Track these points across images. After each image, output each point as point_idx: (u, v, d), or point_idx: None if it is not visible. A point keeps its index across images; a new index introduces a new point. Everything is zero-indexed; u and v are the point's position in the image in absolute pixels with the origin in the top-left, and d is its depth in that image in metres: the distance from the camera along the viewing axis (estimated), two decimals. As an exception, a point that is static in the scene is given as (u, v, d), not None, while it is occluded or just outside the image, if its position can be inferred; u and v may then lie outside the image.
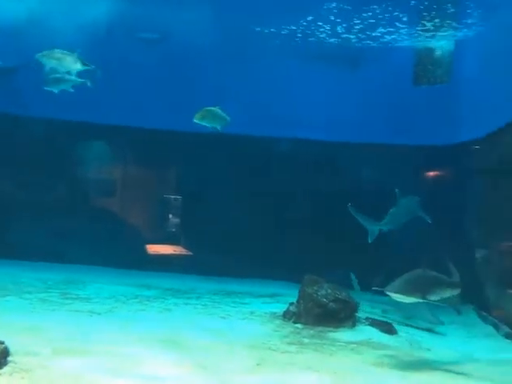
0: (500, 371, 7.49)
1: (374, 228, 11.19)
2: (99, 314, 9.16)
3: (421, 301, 6.88)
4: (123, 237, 14.58)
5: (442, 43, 13.59)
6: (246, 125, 13.70)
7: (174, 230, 15.47)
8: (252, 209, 14.13)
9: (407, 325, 9.68)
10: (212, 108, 10.20)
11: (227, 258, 13.52)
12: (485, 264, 11.59)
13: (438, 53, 13.88)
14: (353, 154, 13.89)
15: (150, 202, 15.48)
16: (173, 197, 15.43)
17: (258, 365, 6.77)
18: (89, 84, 10.68)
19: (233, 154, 14.26)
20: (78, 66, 10.26)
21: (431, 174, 15.06)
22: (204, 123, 10.08)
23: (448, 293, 7.47)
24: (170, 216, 15.45)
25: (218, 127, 10.24)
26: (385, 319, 9.83)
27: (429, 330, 9.45)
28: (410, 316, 9.79)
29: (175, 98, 13.57)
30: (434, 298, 7.05)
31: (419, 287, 6.85)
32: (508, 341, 9.25)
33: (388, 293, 6.71)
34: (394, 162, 13.79)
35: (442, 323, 9.68)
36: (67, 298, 10.19)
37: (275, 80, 13.82)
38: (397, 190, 12.08)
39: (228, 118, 10.28)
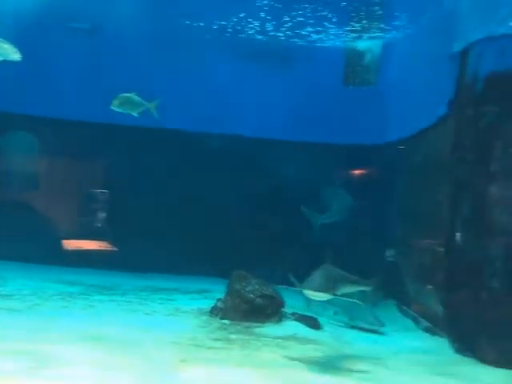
0: (416, 362, 7.77)
1: (317, 221, 11.68)
2: (19, 311, 8.85)
3: (332, 296, 6.74)
4: (46, 232, 14.11)
5: (370, 45, 13.92)
6: (176, 120, 13.60)
7: (99, 224, 15.10)
8: (180, 204, 14.00)
9: (353, 327, 9.65)
10: (128, 94, 9.94)
11: (154, 254, 13.33)
12: (405, 260, 11.98)
13: (366, 54, 14.20)
14: (282, 151, 14.00)
15: (75, 196, 15.04)
16: (98, 191, 15.06)
17: (182, 361, 6.72)
18: None
19: (162, 149, 14.06)
20: None
21: (359, 172, 15.41)
22: (121, 110, 9.80)
23: (353, 289, 7.54)
24: (96, 211, 15.07)
25: (135, 113, 9.97)
26: (336, 321, 9.91)
27: (372, 331, 9.42)
28: (353, 317, 9.73)
29: (104, 91, 13.22)
30: (341, 294, 7.04)
31: (331, 284, 6.71)
32: (427, 334, 9.59)
33: (305, 291, 6.58)
34: (324, 161, 14.00)
35: (383, 325, 9.54)
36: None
37: (206, 75, 13.73)
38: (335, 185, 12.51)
39: (145, 104, 10.01)
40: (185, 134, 13.93)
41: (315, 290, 6.48)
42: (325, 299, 6.72)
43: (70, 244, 14.69)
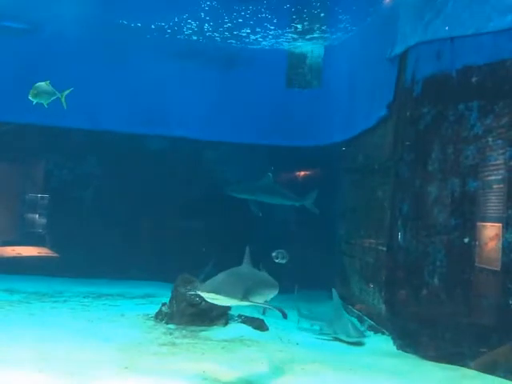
0: (360, 360, 7.89)
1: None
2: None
3: (242, 303, 6.05)
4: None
5: (312, 47, 14.06)
6: (116, 121, 13.38)
7: (38, 230, 14.70)
8: (123, 208, 13.77)
9: (336, 338, 9.06)
10: (40, 83, 9.67)
11: (97, 259, 13.07)
12: (349, 260, 12.17)
13: (308, 57, 14.34)
14: (224, 153, 14.00)
15: (13, 201, 14.59)
16: (36, 195, 14.66)
17: (126, 368, 6.60)
18: None
19: (102, 151, 13.82)
20: None
21: (304, 173, 15.56)
22: (36, 100, 9.50)
23: (270, 294, 6.74)
24: (35, 216, 14.65)
25: (45, 103, 9.70)
26: (323, 336, 9.34)
27: (354, 343, 8.89)
28: (335, 331, 9.18)
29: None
30: (256, 299, 6.21)
31: (231, 287, 5.90)
32: (371, 332, 9.75)
33: (201, 293, 5.82)
34: (267, 162, 14.06)
35: (364, 336, 9.17)
36: None
37: (145, 76, 13.53)
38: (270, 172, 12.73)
39: (57, 94, 9.74)
40: (123, 136, 13.69)
41: (206, 292, 5.75)
42: (225, 303, 6.14)
43: (9, 251, 14.23)
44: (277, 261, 9.02)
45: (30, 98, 9.16)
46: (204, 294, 5.76)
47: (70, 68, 12.62)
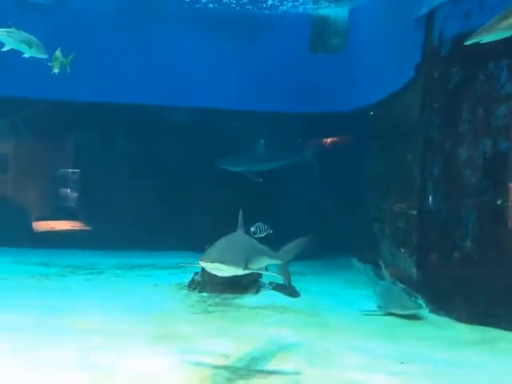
0: (393, 323, 7.92)
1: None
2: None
3: (244, 272, 5.65)
4: (18, 214, 13.89)
5: (336, 11, 13.80)
6: (143, 94, 13.42)
7: (71, 204, 14.94)
8: (153, 180, 13.89)
9: (390, 314, 8.26)
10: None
11: (129, 231, 13.26)
12: (379, 225, 12.12)
13: (332, 20, 14.09)
14: (253, 123, 13.92)
15: (46, 176, 14.84)
16: (69, 171, 14.87)
17: (162, 335, 6.75)
18: None
19: (130, 125, 13.87)
20: None
21: (331, 139, 15.46)
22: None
23: (266, 261, 6.69)
24: (67, 191, 14.89)
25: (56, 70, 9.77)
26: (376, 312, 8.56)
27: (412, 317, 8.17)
28: (388, 304, 8.41)
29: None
30: (254, 266, 5.93)
31: (230, 255, 5.49)
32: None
33: (205, 264, 5.34)
34: (294, 130, 13.99)
35: (421, 307, 8.36)
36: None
37: (172, 48, 13.49)
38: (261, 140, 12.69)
39: (64, 60, 9.78)
40: (150, 109, 13.72)
41: (210, 262, 5.31)
42: (228, 273, 5.53)
43: (44, 226, 14.52)
44: (255, 236, 8.52)
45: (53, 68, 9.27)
46: (208, 265, 5.33)
47: (96, 42, 12.66)
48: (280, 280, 9.58)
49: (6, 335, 6.43)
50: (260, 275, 9.80)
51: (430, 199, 8.84)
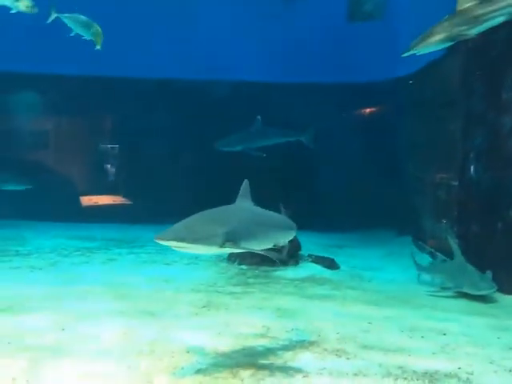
0: (434, 296, 7.87)
1: None
2: (40, 268, 9.02)
3: (225, 250, 4.69)
4: (61, 190, 14.19)
5: (374, -22, 13.51)
6: (180, 69, 13.44)
7: (113, 180, 15.19)
8: (193, 154, 13.98)
9: (460, 292, 7.79)
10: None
11: (169, 206, 13.38)
12: (419, 196, 11.98)
13: (370, -12, 13.80)
14: (288, 94, 13.81)
15: (88, 152, 15.09)
16: (110, 146, 15.08)
17: (204, 307, 6.87)
18: None
19: (169, 100, 13.92)
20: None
21: (370, 110, 15.27)
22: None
23: (278, 237, 5.42)
24: (109, 166, 15.13)
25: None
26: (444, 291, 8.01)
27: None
28: (459, 284, 7.80)
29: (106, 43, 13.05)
30: (253, 243, 4.83)
31: (218, 230, 4.52)
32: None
33: (160, 242, 4.34)
34: (332, 100, 13.84)
35: (494, 287, 7.55)
36: (6, 255, 9.95)
37: (208, 22, 13.42)
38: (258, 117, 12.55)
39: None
40: (189, 83, 13.74)
41: (164, 240, 4.33)
42: (201, 251, 4.66)
43: (85, 200, 14.82)
44: None
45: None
46: (164, 243, 4.35)
47: (134, 19, 12.70)
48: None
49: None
50: (299, 247, 9.85)
51: (472, 169, 8.68)
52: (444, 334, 5.99)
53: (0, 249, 10.44)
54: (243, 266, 9.50)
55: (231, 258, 9.84)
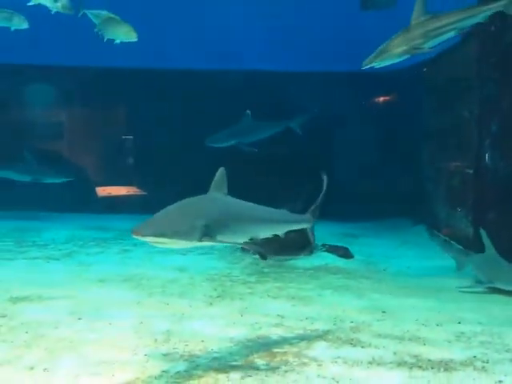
0: (447, 285, 7.83)
1: None
2: (57, 259, 9.11)
3: (204, 243, 4.41)
4: (76, 181, 14.25)
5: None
6: (191, 59, 13.41)
7: (126, 171, 15.23)
8: (204, 145, 13.96)
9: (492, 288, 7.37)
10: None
11: (182, 196, 13.41)
12: (433, 184, 11.91)
13: (383, -26, 13.63)
14: (301, 83, 13.74)
15: (101, 143, 15.14)
16: (124, 137, 15.11)
17: (218, 297, 6.90)
18: None
19: (182, 91, 13.91)
20: None
21: (384, 98, 15.15)
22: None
23: (260, 231, 5.18)
24: (122, 157, 15.15)
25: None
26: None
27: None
28: (492, 278, 7.41)
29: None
30: (232, 236, 4.67)
31: (195, 223, 4.29)
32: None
33: (137, 237, 4.16)
34: (345, 89, 13.75)
35: None
36: (23, 246, 10.08)
37: (219, 11, 13.33)
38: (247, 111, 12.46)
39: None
40: (201, 73, 13.71)
41: (142, 235, 4.12)
42: (178, 246, 4.44)
43: (99, 191, 14.89)
44: None
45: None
46: (141, 239, 4.15)
47: (145, 7, 12.67)
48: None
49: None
50: (313, 237, 9.82)
51: (488, 157, 8.60)
52: (459, 323, 5.96)
53: (17, 240, 10.58)
54: (257, 256, 9.50)
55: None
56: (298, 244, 9.58)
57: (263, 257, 4.86)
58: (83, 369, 4.56)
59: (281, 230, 5.61)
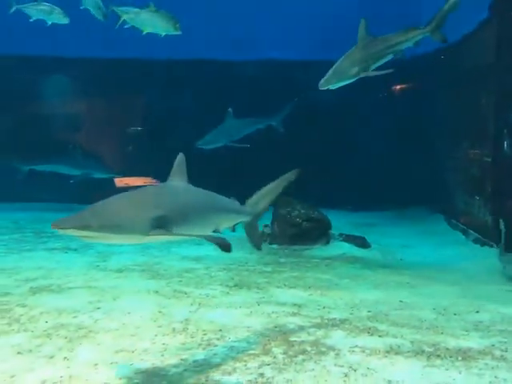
0: (467, 274, 7.80)
1: None
2: (75, 250, 9.19)
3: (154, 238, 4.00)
4: (93, 172, 14.33)
5: None
6: (207, 49, 13.39)
7: (143, 161, 15.26)
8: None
9: None
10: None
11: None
12: (451, 173, 11.81)
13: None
14: (316, 72, 13.64)
15: (118, 134, 15.18)
16: (141, 128, 15.15)
17: (235, 286, 6.93)
18: None
19: (197, 81, 13.91)
20: None
21: (400, 86, 15.01)
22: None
23: (221, 221, 4.83)
24: (138, 148, 15.18)
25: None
26: None
27: None
28: None
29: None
30: (191, 228, 4.20)
31: (142, 215, 3.83)
32: (476, 246, 9.54)
33: (65, 232, 3.57)
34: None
35: None
36: (42, 237, 10.19)
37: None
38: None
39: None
40: (216, 64, 13.69)
41: (70, 228, 3.54)
42: (122, 241, 3.97)
43: (116, 182, 14.94)
44: None
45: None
46: (62, 232, 3.57)
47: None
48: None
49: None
50: (329, 226, 9.82)
51: (506, 145, 8.52)
52: (477, 312, 5.93)
53: (37, 231, 10.71)
54: (274, 246, 9.55)
55: (262, 237, 9.88)
56: (314, 233, 9.62)
57: (226, 249, 4.07)
58: (102, 357, 4.62)
59: (235, 221, 5.24)
